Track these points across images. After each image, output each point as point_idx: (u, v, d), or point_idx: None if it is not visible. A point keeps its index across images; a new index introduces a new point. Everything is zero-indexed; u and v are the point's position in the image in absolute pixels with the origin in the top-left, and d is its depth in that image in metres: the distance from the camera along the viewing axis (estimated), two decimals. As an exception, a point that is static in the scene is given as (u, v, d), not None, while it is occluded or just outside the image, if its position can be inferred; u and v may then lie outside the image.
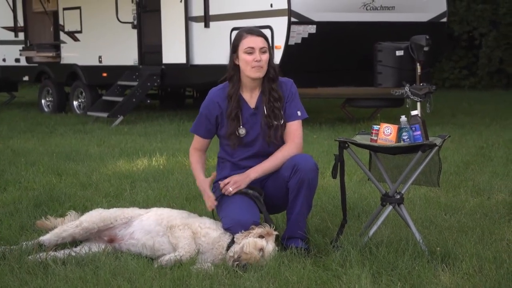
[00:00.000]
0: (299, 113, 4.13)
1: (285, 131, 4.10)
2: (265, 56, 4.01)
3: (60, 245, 4.06)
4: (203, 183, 4.12)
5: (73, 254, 3.93)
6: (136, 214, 4.14)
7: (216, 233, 3.89)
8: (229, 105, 4.08)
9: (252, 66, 4.00)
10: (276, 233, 3.85)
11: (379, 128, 4.03)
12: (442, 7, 10.96)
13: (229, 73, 4.10)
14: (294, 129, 4.10)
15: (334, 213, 4.80)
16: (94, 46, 12.82)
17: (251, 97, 4.13)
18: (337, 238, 4.04)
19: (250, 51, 4.00)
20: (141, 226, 4.03)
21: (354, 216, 4.78)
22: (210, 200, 4.05)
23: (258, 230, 3.80)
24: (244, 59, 4.01)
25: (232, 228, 3.88)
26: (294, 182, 3.93)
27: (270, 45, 4.14)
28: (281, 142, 4.10)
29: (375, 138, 4.02)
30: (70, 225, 4.09)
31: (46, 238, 4.06)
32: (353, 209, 4.90)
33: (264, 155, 4.11)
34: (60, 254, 3.92)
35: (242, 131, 4.09)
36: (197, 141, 4.21)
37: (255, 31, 4.05)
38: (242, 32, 4.06)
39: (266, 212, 4.03)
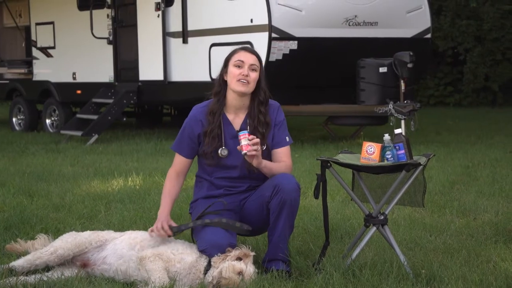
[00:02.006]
0: (287, 138, 4.18)
1: (275, 155, 4.12)
2: (254, 74, 4.03)
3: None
4: (163, 215, 4.04)
5: (45, 279, 3.89)
6: (110, 237, 4.10)
7: (192, 257, 3.86)
8: (210, 122, 4.08)
9: (237, 79, 4.02)
10: (253, 253, 3.84)
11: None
12: (426, 23, 11.07)
13: (216, 88, 4.11)
14: (285, 153, 4.14)
15: (316, 235, 4.80)
16: (68, 62, 12.78)
17: (235, 118, 4.12)
18: (319, 260, 4.04)
19: (239, 64, 4.03)
20: (114, 250, 4.00)
21: (337, 237, 4.78)
22: (159, 231, 3.97)
23: (235, 252, 3.79)
24: (231, 71, 4.04)
25: (207, 250, 3.86)
26: (276, 202, 3.93)
27: (263, 66, 4.13)
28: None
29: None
30: (44, 252, 4.03)
31: (18, 264, 4.00)
32: (335, 231, 4.91)
33: (245, 178, 4.11)
34: (31, 279, 3.88)
35: (224, 152, 4.08)
36: (179, 161, 4.17)
37: (249, 49, 4.11)
38: (237, 48, 4.13)
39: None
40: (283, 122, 4.17)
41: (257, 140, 3.91)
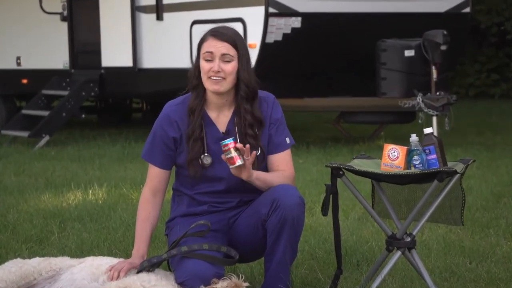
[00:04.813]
0: (287, 140, 4.18)
1: (271, 162, 4.13)
2: (229, 67, 4.01)
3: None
4: (137, 257, 4.05)
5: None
6: (66, 265, 4.11)
7: (167, 290, 3.88)
8: (190, 122, 4.08)
9: (208, 76, 4.02)
10: (246, 284, 3.86)
11: None
12: (465, -7, 11.10)
13: (193, 81, 4.11)
14: (285, 159, 4.15)
15: (326, 261, 4.82)
16: (10, 44, 12.76)
17: (218, 117, 4.13)
18: (330, 293, 4.07)
19: (209, 57, 4.02)
20: (71, 281, 4.00)
21: (352, 264, 4.80)
22: (121, 270, 3.97)
23: (222, 284, 3.80)
24: (202, 66, 4.05)
25: (188, 282, 3.87)
26: (275, 221, 3.94)
27: (244, 50, 4.08)
28: None
29: None
30: (-18, 286, 4.05)
31: None
32: (350, 256, 4.93)
33: (235, 192, 4.12)
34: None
35: (207, 159, 4.08)
36: (154, 174, 4.16)
37: (221, 33, 4.05)
38: (207, 33, 4.10)
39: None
40: (281, 119, 4.17)
41: (247, 146, 3.92)
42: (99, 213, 6.33)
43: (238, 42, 4.06)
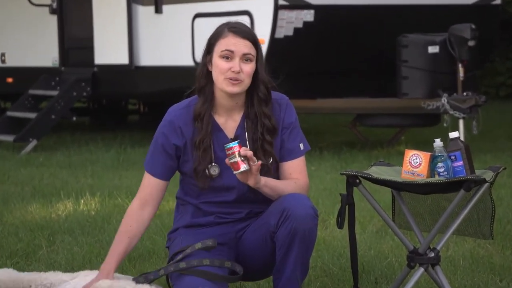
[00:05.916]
0: (301, 146, 4.17)
1: (283, 169, 4.13)
2: (248, 67, 4.02)
3: None
4: (105, 271, 4.04)
5: None
6: (57, 280, 4.12)
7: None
8: (199, 129, 4.09)
9: (225, 77, 4.02)
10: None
11: None
12: (494, -17, 11.11)
13: (200, 82, 4.11)
14: (299, 167, 4.14)
15: (341, 278, 4.82)
16: (-6, 39, 12.82)
17: (227, 122, 4.13)
18: (345, 314, 4.08)
19: (228, 55, 4.01)
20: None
21: (370, 282, 4.80)
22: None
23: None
24: (218, 64, 4.03)
25: (189, 301, 3.88)
26: (284, 233, 3.94)
27: (261, 52, 4.10)
28: None
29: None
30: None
31: None
32: (368, 273, 4.93)
33: (245, 202, 4.13)
34: None
35: (214, 170, 4.08)
36: (149, 184, 4.14)
37: (241, 30, 4.05)
38: (223, 28, 4.07)
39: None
40: (295, 123, 4.17)
41: (251, 152, 3.92)
42: (92, 225, 6.34)
43: (257, 39, 4.08)
